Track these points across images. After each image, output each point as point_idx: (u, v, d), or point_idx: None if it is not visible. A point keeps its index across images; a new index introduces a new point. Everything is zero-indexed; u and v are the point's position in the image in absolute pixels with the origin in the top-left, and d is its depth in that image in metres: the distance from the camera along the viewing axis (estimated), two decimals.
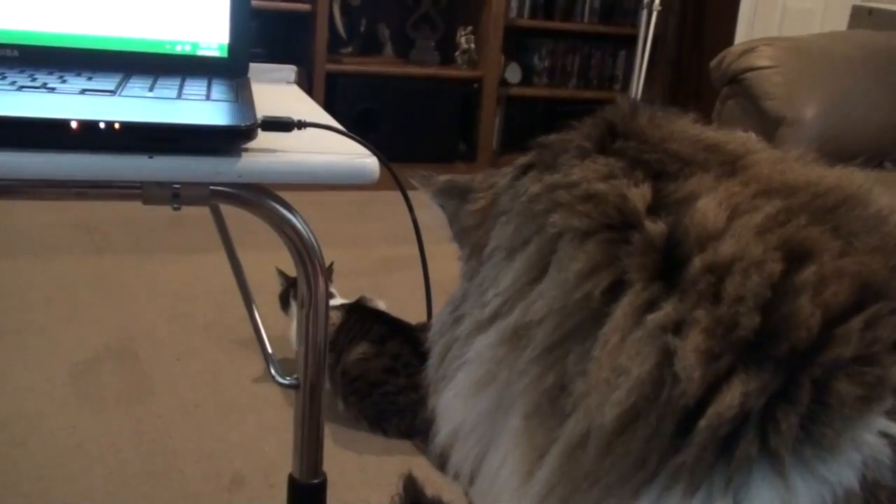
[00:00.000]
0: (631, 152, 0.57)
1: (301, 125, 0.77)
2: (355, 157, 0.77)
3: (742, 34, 3.66)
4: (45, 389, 2.02)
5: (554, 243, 0.55)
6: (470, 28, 4.21)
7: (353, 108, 3.87)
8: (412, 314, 2.06)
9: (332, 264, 2.21)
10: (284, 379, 0.82)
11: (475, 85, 4.20)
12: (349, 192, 3.72)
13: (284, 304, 2.15)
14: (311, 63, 3.84)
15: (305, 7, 3.82)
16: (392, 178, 0.82)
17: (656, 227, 0.52)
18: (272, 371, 0.83)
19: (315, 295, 0.81)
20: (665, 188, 0.54)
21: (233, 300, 2.63)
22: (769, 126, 2.23)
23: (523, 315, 0.55)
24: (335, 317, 1.98)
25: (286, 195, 0.81)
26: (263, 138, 0.76)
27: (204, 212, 3.87)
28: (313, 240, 0.80)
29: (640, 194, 0.54)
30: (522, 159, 0.64)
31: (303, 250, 0.80)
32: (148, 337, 2.34)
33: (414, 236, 0.79)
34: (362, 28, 4.19)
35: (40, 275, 2.72)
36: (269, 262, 2.18)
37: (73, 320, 2.41)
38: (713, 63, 2.41)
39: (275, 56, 3.41)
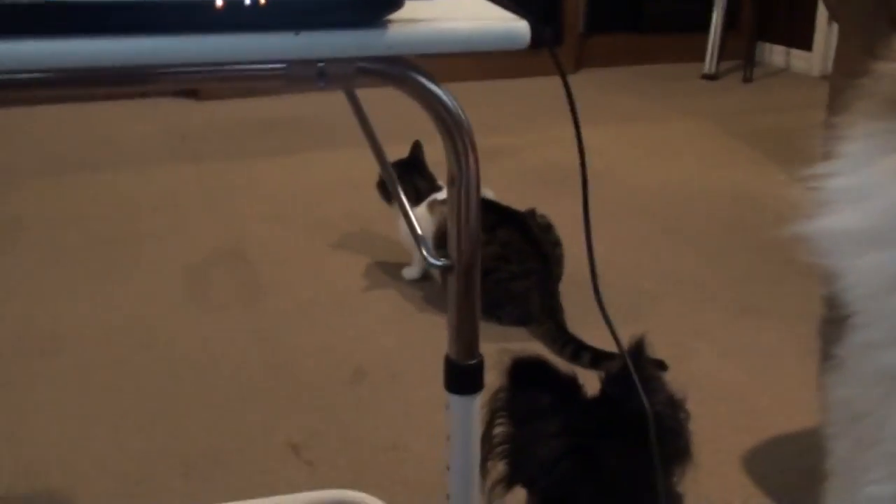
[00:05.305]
0: None
1: None
2: (506, 21, 0.72)
3: None
4: (163, 294, 2.07)
5: None
6: None
7: None
8: (512, 202, 2.02)
9: (418, 142, 2.15)
10: (438, 261, 0.79)
11: None
12: None
13: (384, 193, 2.11)
14: None
15: None
16: (544, 40, 0.76)
17: None
18: (424, 253, 0.80)
19: (466, 171, 0.78)
20: None
21: (329, 198, 2.64)
22: None
23: None
24: (444, 209, 1.96)
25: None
26: (403, 10, 0.71)
27: (290, 116, 3.84)
28: (462, 114, 0.76)
29: None
30: None
31: (452, 125, 0.76)
32: (253, 239, 2.36)
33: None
34: None
35: (143, 184, 2.76)
36: (365, 157, 2.13)
37: (179, 227, 2.44)
38: None
39: None
